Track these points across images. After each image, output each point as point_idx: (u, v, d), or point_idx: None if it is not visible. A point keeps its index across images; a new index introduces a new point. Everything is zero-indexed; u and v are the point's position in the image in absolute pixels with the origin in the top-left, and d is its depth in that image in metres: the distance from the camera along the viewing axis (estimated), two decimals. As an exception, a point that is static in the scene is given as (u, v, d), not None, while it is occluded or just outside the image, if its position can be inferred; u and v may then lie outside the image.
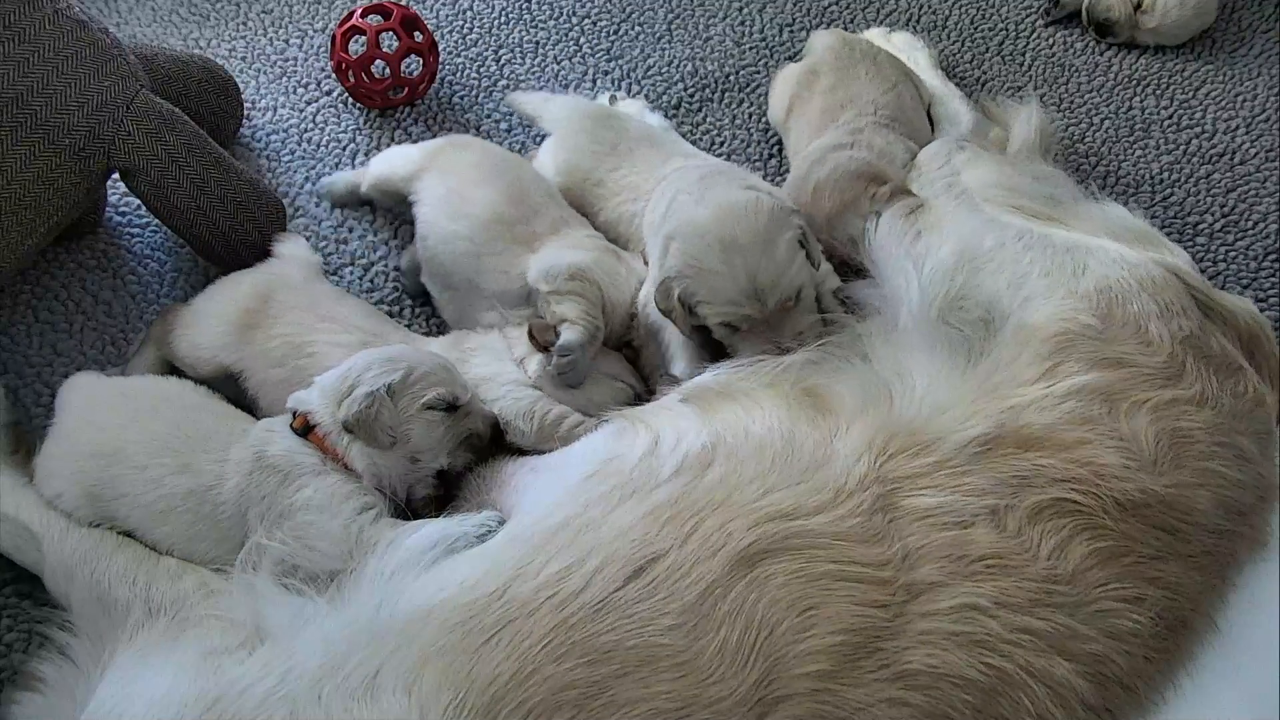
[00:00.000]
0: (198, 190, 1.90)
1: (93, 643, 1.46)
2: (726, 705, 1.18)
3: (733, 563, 1.27)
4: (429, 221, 1.95)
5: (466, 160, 2.00)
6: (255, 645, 1.32)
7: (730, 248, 1.71)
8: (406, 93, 2.37)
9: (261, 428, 1.64)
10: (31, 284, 2.03)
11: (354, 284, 2.11)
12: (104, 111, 1.83)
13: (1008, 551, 1.32)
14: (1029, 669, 1.25)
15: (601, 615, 1.22)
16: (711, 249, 1.72)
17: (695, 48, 2.60)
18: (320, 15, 2.57)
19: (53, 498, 1.62)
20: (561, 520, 1.36)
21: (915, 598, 1.27)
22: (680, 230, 1.77)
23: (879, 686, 1.21)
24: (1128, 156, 2.48)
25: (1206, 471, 1.45)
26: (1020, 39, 2.70)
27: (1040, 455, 1.41)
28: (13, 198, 1.79)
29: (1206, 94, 2.62)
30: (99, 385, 1.73)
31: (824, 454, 1.40)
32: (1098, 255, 1.69)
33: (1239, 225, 2.37)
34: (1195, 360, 1.55)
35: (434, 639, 1.22)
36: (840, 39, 2.37)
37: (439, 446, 1.65)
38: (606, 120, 2.15)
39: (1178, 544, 1.40)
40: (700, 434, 1.47)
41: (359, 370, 1.62)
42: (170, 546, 1.60)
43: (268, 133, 2.34)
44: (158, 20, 2.52)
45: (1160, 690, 1.34)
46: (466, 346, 1.85)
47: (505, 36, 2.58)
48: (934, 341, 1.61)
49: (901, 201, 1.90)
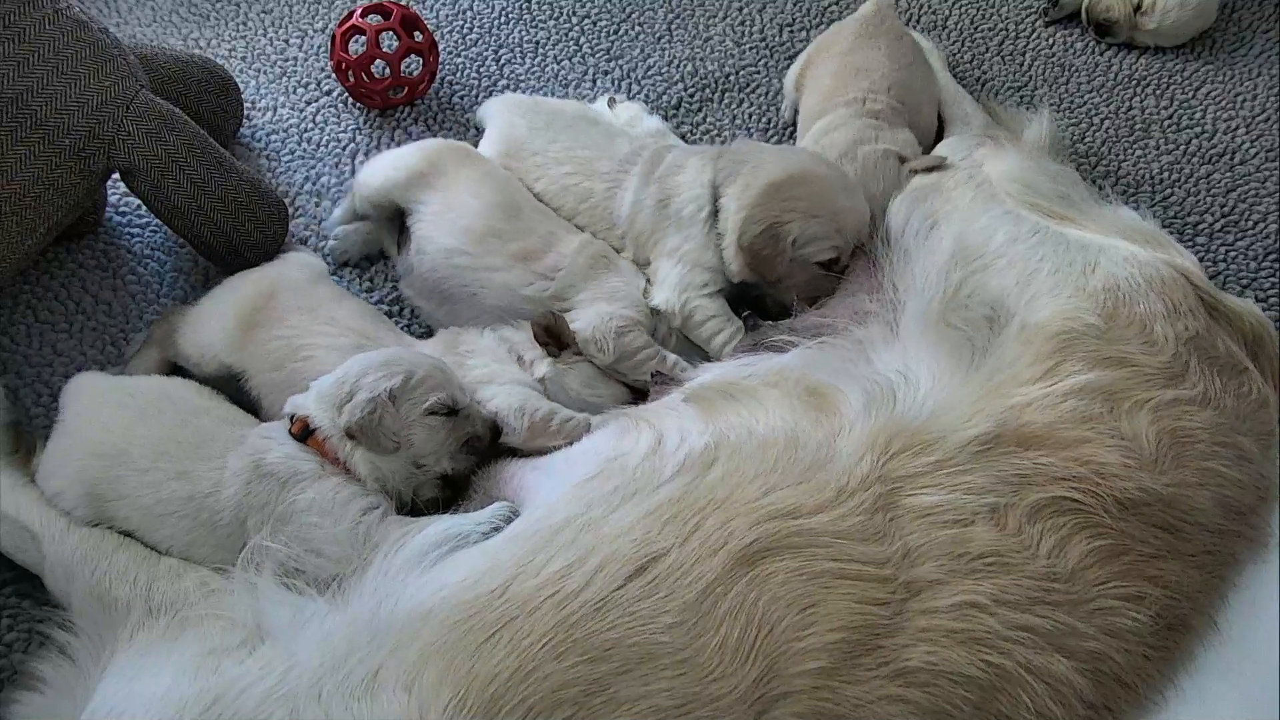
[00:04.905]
0: (198, 190, 1.90)
1: (93, 642, 1.46)
2: (727, 702, 1.18)
3: (734, 561, 1.27)
4: (427, 236, 1.97)
5: (465, 174, 2.01)
6: (255, 644, 1.32)
7: (849, 191, 1.96)
8: (406, 93, 2.37)
9: (258, 435, 1.63)
10: (31, 284, 2.03)
11: (354, 284, 2.11)
12: (104, 111, 1.83)
13: (1007, 549, 1.32)
14: (1028, 666, 1.25)
15: (602, 613, 1.23)
16: (833, 192, 1.93)
17: (695, 48, 2.60)
18: (320, 15, 2.58)
19: (53, 495, 1.62)
20: (563, 519, 1.36)
21: (915, 595, 1.27)
22: (795, 180, 1.93)
23: (879, 683, 1.22)
24: (1128, 156, 2.48)
25: (1207, 471, 1.45)
26: (1020, 39, 2.70)
27: (1041, 454, 1.41)
28: (13, 198, 1.79)
29: (1206, 94, 2.62)
30: (104, 384, 1.72)
31: (827, 453, 1.41)
32: (1109, 254, 1.69)
33: (1239, 225, 2.37)
34: (1199, 361, 1.56)
35: (434, 637, 1.22)
36: (877, 7, 2.37)
37: (441, 451, 1.65)
38: (539, 104, 2.24)
39: (1177, 543, 1.40)
40: (703, 433, 1.47)
41: (356, 375, 1.61)
42: (169, 549, 1.60)
43: (268, 133, 2.34)
44: (158, 20, 2.53)
45: (1159, 689, 1.34)
46: (462, 349, 1.85)
47: (505, 36, 2.58)
48: (938, 341, 1.61)
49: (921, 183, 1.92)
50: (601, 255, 1.98)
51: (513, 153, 2.13)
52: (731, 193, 1.95)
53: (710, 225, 1.97)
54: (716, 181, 1.98)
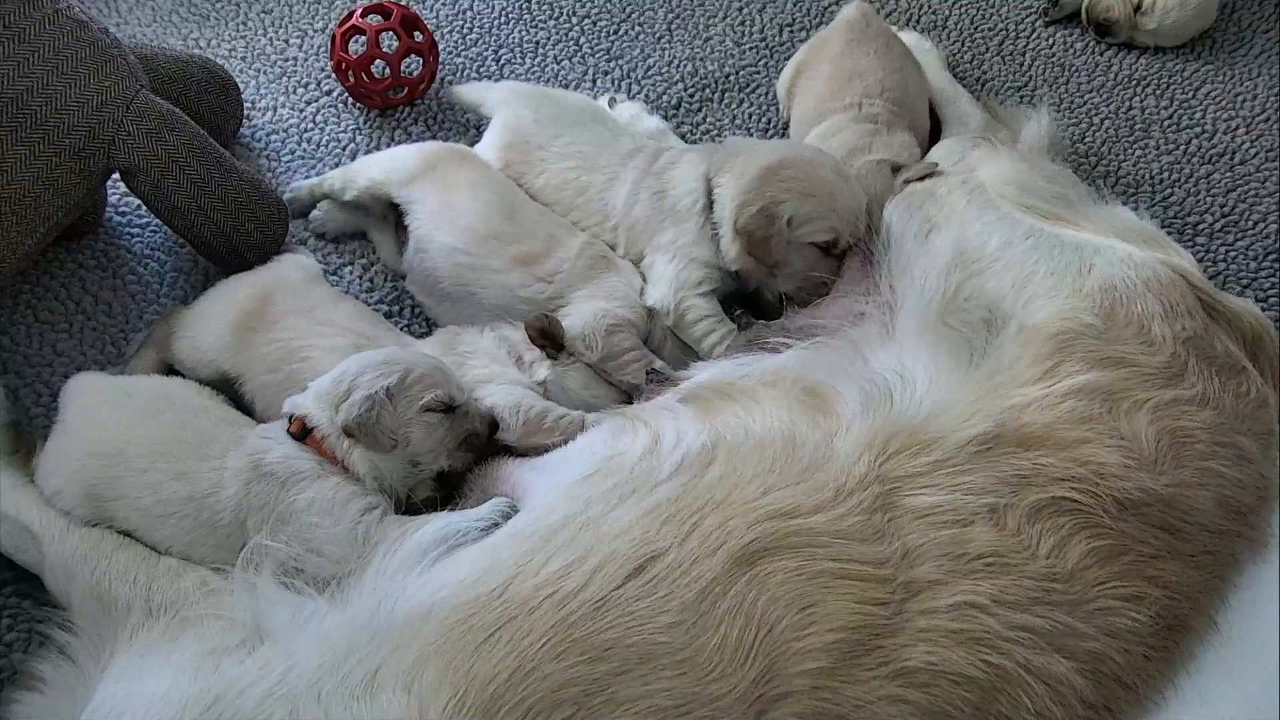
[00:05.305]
0: (198, 190, 1.90)
1: (93, 642, 1.46)
2: (726, 702, 1.18)
3: (733, 561, 1.27)
4: (427, 236, 1.97)
5: (464, 177, 2.01)
6: (255, 644, 1.32)
7: (842, 173, 1.98)
8: (406, 93, 2.37)
9: (258, 435, 1.63)
10: (31, 284, 2.03)
11: (354, 284, 2.11)
12: (104, 111, 1.83)
13: (1007, 550, 1.32)
14: (1028, 666, 1.25)
15: (601, 613, 1.22)
16: (826, 173, 1.95)
17: (695, 48, 2.60)
18: (320, 15, 2.58)
19: (51, 495, 1.62)
20: (562, 518, 1.36)
21: (914, 595, 1.27)
22: (788, 162, 1.95)
23: (878, 684, 1.22)
24: (1128, 156, 2.48)
25: (1207, 471, 1.45)
26: (1020, 39, 2.70)
27: (1040, 454, 1.41)
28: (13, 198, 1.79)
29: (1206, 94, 2.62)
30: (104, 384, 1.72)
31: (824, 453, 1.41)
32: (1105, 255, 1.69)
33: (1239, 225, 2.37)
34: (1197, 361, 1.55)
35: (433, 637, 1.22)
36: (861, 13, 2.37)
37: (439, 448, 1.65)
38: (547, 95, 2.22)
39: (1177, 543, 1.40)
40: (700, 433, 1.47)
41: (354, 373, 1.61)
42: (169, 549, 1.59)
43: (268, 133, 2.34)
44: (158, 20, 2.53)
45: (1159, 689, 1.34)
46: (461, 349, 1.85)
47: (505, 36, 2.58)
48: (935, 341, 1.61)
49: (915, 189, 1.92)
50: (601, 256, 1.99)
51: (517, 144, 2.12)
52: (726, 180, 1.97)
53: (705, 218, 1.98)
54: (710, 174, 1.99)
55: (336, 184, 2.11)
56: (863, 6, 2.39)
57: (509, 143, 2.13)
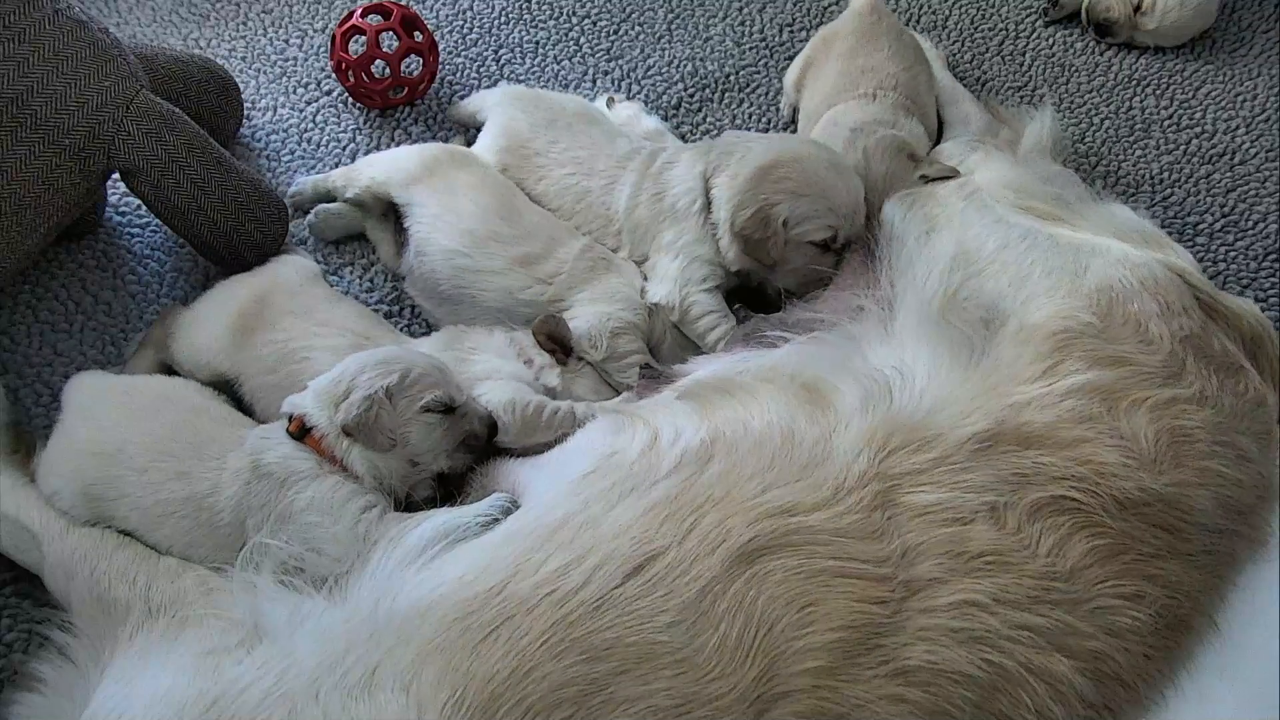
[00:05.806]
0: (198, 190, 1.90)
1: (93, 643, 1.46)
2: (726, 702, 1.18)
3: (732, 559, 1.27)
4: (427, 239, 1.97)
5: (464, 180, 2.01)
6: (254, 644, 1.31)
7: (837, 167, 1.96)
8: (406, 93, 2.37)
9: (257, 435, 1.63)
10: (31, 284, 2.03)
11: (354, 284, 2.11)
12: (104, 111, 1.83)
13: (1007, 548, 1.32)
14: (1028, 666, 1.25)
15: (601, 612, 1.22)
16: (821, 170, 1.94)
17: (695, 48, 2.60)
18: (320, 15, 2.58)
19: (50, 494, 1.62)
20: (561, 517, 1.36)
21: (914, 594, 1.27)
22: (781, 161, 1.94)
23: (878, 683, 1.22)
24: (1128, 156, 2.48)
25: (1206, 470, 1.45)
26: (1020, 39, 2.70)
27: (1040, 453, 1.41)
28: (13, 198, 1.79)
29: (1206, 94, 2.61)
30: (104, 384, 1.73)
31: (823, 450, 1.40)
32: (1102, 255, 1.69)
33: (1239, 225, 2.37)
34: (1196, 359, 1.55)
35: (432, 636, 1.22)
36: (871, 6, 2.37)
37: (438, 448, 1.65)
38: (541, 99, 2.22)
39: (1177, 542, 1.40)
40: (699, 429, 1.47)
41: (353, 373, 1.61)
42: (169, 549, 1.59)
43: (268, 133, 2.34)
44: (158, 20, 2.53)
45: (1159, 688, 1.34)
46: (466, 345, 1.85)
47: (505, 36, 2.58)
48: (935, 339, 1.61)
49: (917, 190, 1.93)
50: (601, 258, 1.99)
51: (513, 149, 2.12)
52: (721, 182, 1.97)
53: (705, 217, 1.98)
54: (707, 173, 2.00)
55: (339, 182, 2.12)
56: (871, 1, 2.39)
57: (505, 147, 2.13)
